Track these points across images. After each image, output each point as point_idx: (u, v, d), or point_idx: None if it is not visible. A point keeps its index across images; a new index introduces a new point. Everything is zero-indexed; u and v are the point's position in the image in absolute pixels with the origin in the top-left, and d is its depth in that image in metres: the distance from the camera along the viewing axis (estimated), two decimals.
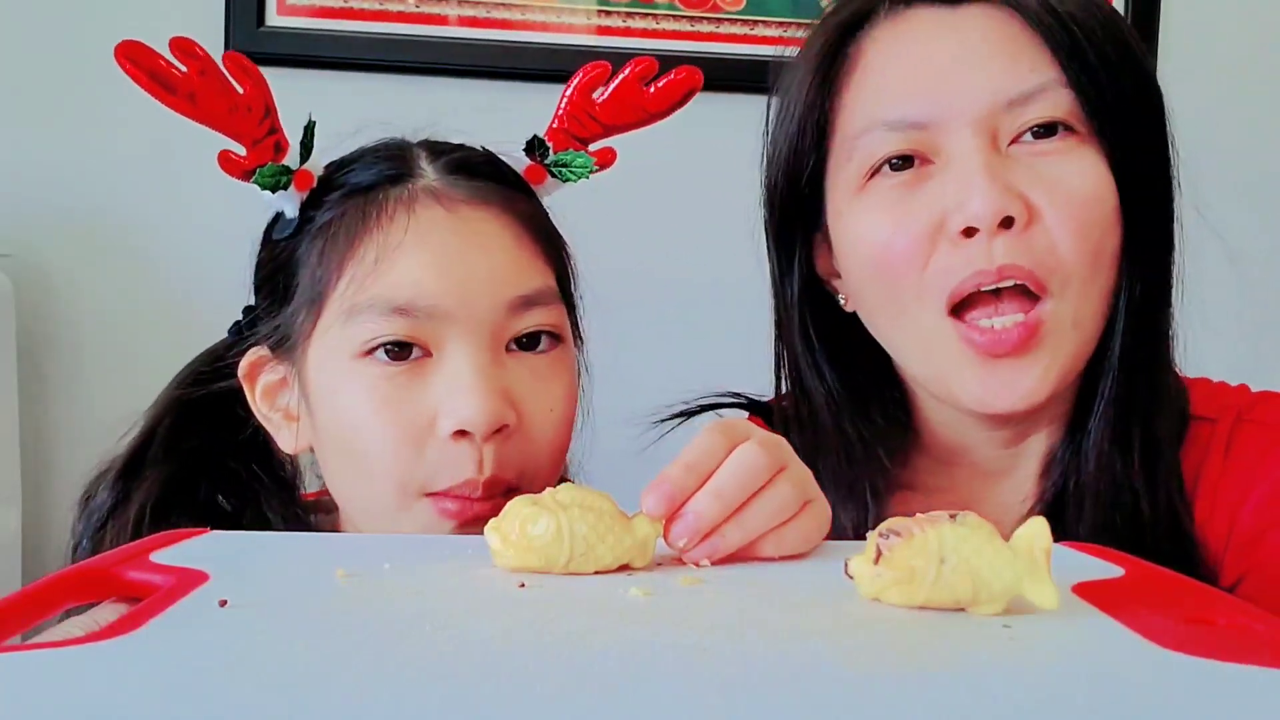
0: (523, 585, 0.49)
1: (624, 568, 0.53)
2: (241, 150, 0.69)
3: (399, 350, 0.67)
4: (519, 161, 0.76)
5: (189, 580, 0.47)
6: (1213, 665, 0.38)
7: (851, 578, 0.47)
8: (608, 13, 1.48)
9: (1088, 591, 0.48)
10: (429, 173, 0.72)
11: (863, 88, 0.75)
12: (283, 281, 0.73)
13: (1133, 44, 0.73)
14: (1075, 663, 0.40)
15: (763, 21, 1.49)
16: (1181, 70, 1.51)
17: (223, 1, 1.41)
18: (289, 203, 0.72)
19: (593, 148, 0.76)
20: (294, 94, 0.72)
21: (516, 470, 0.68)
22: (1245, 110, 1.56)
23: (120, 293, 1.44)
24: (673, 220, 1.42)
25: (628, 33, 1.49)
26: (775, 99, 0.80)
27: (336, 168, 0.73)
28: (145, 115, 0.68)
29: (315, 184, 0.72)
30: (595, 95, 0.75)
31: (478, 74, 1.46)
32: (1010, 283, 0.70)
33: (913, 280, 0.72)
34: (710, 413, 0.87)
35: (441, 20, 1.47)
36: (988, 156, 0.70)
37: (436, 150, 0.74)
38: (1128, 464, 0.73)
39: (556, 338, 0.72)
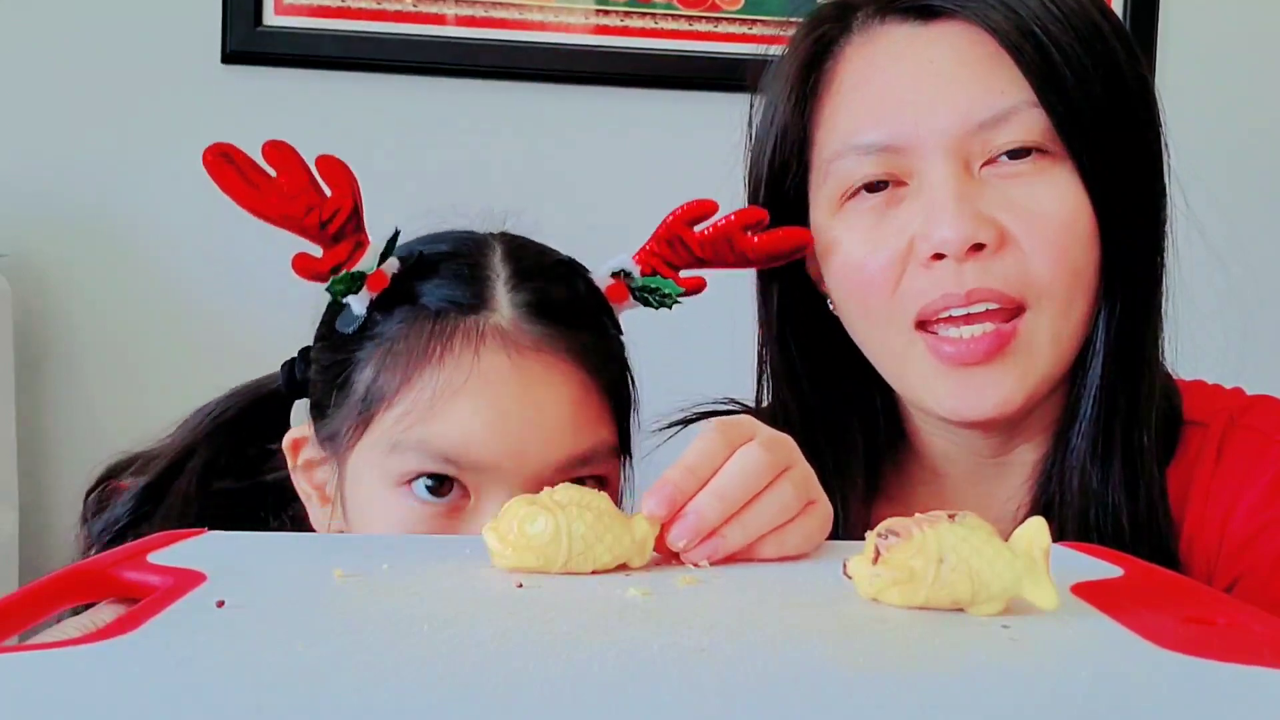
0: (520, 585, 0.49)
1: (622, 567, 0.52)
2: (317, 250, 0.65)
3: (439, 486, 0.66)
4: (603, 279, 0.73)
5: (186, 581, 0.47)
6: (1212, 665, 0.38)
7: (850, 578, 0.47)
8: (605, 12, 1.48)
9: (1087, 592, 0.48)
10: (503, 307, 0.68)
11: (837, 109, 0.75)
12: (339, 377, 0.70)
13: (1118, 53, 0.72)
14: (1075, 663, 0.40)
15: (761, 21, 1.49)
16: (1179, 71, 1.52)
17: (220, 1, 1.41)
18: (356, 300, 0.69)
19: (682, 275, 0.73)
20: (291, 94, 0.72)
21: None
22: (1243, 109, 1.56)
23: (118, 293, 1.43)
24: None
25: (625, 32, 1.49)
26: (754, 111, 0.80)
27: (412, 271, 0.69)
28: (144, 116, 0.68)
29: (388, 283, 0.68)
30: (696, 229, 0.72)
31: (476, 74, 1.46)
32: (981, 306, 0.70)
33: (884, 301, 0.73)
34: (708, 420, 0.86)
35: (439, 20, 1.46)
36: (958, 182, 0.70)
37: (517, 275, 0.69)
38: (1109, 479, 0.72)
39: (602, 481, 0.70)
